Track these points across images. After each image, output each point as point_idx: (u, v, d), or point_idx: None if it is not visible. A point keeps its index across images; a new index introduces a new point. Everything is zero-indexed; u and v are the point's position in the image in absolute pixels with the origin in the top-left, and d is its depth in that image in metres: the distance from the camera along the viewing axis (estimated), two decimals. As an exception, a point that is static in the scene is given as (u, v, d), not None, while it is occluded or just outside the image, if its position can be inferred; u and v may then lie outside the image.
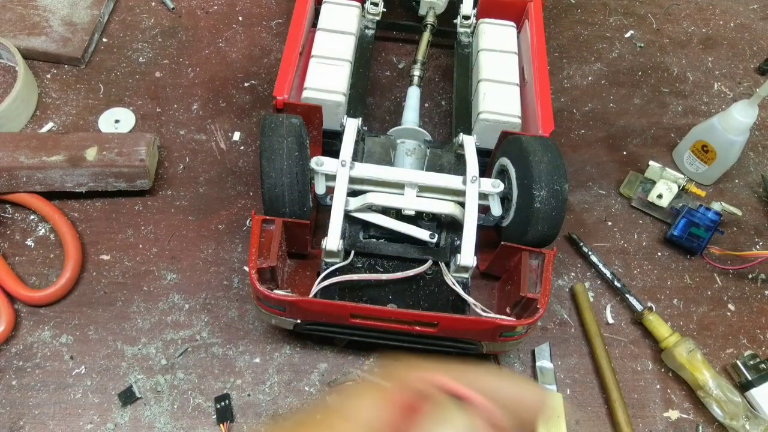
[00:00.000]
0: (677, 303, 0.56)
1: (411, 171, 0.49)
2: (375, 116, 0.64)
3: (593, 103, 0.69)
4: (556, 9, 0.77)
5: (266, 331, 0.51)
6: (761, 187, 0.64)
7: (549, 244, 0.47)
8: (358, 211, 0.48)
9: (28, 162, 0.53)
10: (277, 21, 0.71)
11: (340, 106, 0.54)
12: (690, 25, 0.77)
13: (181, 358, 0.49)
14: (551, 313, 0.54)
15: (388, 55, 0.70)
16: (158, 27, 0.69)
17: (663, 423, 0.50)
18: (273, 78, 0.65)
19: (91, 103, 0.62)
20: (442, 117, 0.65)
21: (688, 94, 0.71)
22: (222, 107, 0.63)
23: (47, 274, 0.52)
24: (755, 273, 0.58)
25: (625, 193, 0.61)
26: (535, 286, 0.46)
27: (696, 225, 0.57)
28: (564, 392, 0.50)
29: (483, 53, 0.59)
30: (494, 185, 0.49)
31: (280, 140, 0.45)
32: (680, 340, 0.51)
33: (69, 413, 0.46)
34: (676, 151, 0.65)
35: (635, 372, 0.52)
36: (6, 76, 0.62)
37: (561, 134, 0.65)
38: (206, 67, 0.66)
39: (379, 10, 0.64)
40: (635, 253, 0.58)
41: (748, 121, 0.57)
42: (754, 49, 0.76)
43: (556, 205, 0.45)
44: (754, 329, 0.55)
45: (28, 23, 0.64)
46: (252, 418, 0.47)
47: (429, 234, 0.47)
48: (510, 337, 0.45)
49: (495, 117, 0.54)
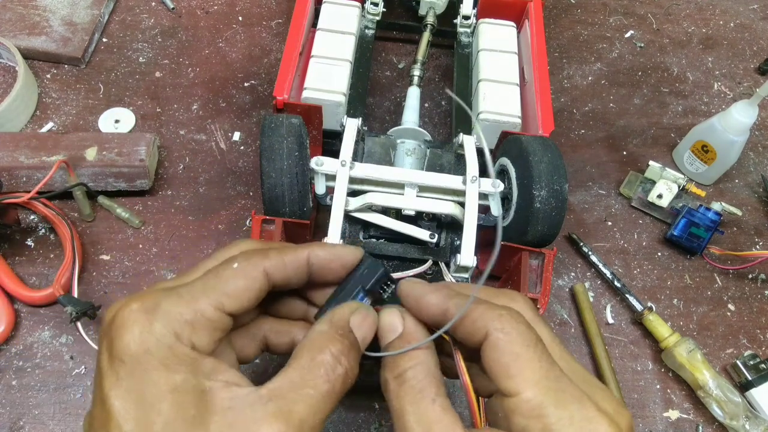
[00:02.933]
0: (677, 303, 0.56)
1: (411, 171, 0.49)
2: (375, 116, 0.64)
3: (593, 103, 0.69)
4: (556, 9, 0.77)
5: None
6: (761, 187, 0.64)
7: (549, 244, 0.47)
8: (358, 211, 0.47)
9: (28, 162, 0.53)
10: (277, 21, 0.71)
11: (340, 106, 0.54)
12: (690, 25, 0.77)
13: (181, 358, 0.49)
14: (551, 313, 0.54)
15: (388, 55, 0.70)
16: (158, 27, 0.69)
17: (663, 423, 0.50)
18: (273, 78, 0.65)
19: (91, 103, 0.62)
20: (442, 117, 0.65)
21: (688, 94, 0.71)
22: (222, 107, 0.63)
23: (47, 274, 0.52)
24: (755, 273, 0.58)
25: (625, 193, 0.61)
26: (535, 286, 0.46)
27: (696, 225, 0.57)
28: (564, 392, 0.50)
29: (483, 53, 0.59)
30: (494, 185, 0.49)
31: (280, 140, 0.45)
32: (680, 340, 0.51)
33: (69, 413, 0.46)
34: (676, 151, 0.65)
35: (635, 372, 0.52)
36: (6, 76, 0.62)
37: (561, 134, 0.65)
38: (206, 67, 0.66)
39: (379, 10, 0.64)
40: (635, 253, 0.58)
41: (748, 121, 0.57)
42: (754, 49, 0.76)
43: (556, 205, 0.45)
44: (754, 329, 0.55)
45: (28, 23, 0.64)
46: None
47: (429, 234, 0.47)
48: (510, 337, 0.45)
49: (495, 117, 0.54)
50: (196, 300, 0.25)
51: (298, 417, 0.24)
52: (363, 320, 0.28)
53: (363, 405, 0.48)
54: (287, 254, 0.28)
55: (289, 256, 0.28)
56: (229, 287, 0.26)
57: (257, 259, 0.27)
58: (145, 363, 0.23)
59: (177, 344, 0.24)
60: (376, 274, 0.29)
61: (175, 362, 0.23)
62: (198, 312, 0.25)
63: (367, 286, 0.29)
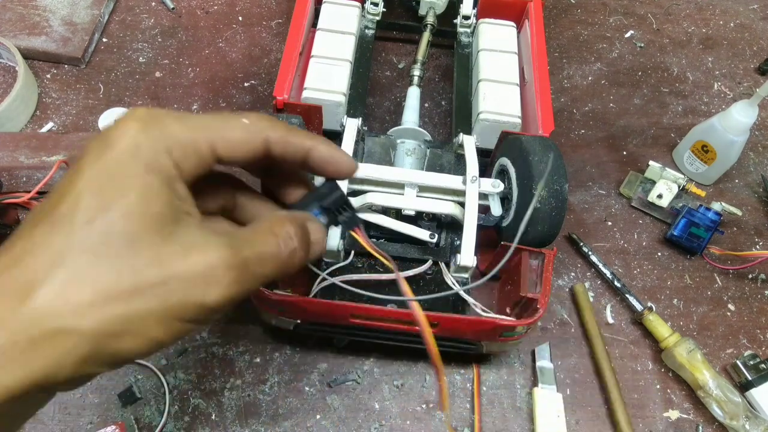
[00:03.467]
0: (677, 303, 0.56)
1: (411, 171, 0.49)
2: (375, 116, 0.64)
3: (593, 103, 0.69)
4: (556, 9, 0.77)
5: (266, 331, 0.51)
6: (761, 187, 0.64)
7: (549, 244, 0.47)
8: (358, 211, 0.47)
9: (28, 162, 0.53)
10: (277, 21, 0.71)
11: (340, 106, 0.54)
12: (690, 25, 0.77)
13: (181, 358, 0.49)
14: (551, 313, 0.54)
15: (388, 55, 0.70)
16: (158, 27, 0.69)
17: (663, 423, 0.50)
18: (273, 78, 0.65)
19: (91, 103, 0.62)
20: (442, 117, 0.65)
21: (688, 94, 0.71)
22: (222, 107, 0.63)
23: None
24: (755, 273, 0.58)
25: (625, 193, 0.61)
26: (535, 286, 0.46)
27: (696, 225, 0.57)
28: (564, 392, 0.50)
29: (483, 53, 0.59)
30: (494, 185, 0.49)
31: (280, 140, 0.45)
32: (680, 340, 0.51)
33: (69, 413, 0.46)
34: (676, 151, 0.65)
35: (635, 372, 0.52)
36: (6, 76, 0.62)
37: (561, 134, 0.65)
38: (206, 67, 0.66)
39: (379, 10, 0.64)
40: (635, 253, 0.58)
41: (748, 121, 0.57)
42: (754, 49, 0.76)
43: (556, 205, 0.45)
44: (754, 329, 0.55)
45: (28, 23, 0.64)
46: (252, 418, 0.47)
47: (429, 234, 0.47)
48: (510, 337, 0.45)
49: (495, 117, 0.54)
50: (195, 129, 0.26)
51: (245, 257, 0.25)
52: (318, 229, 0.30)
53: (363, 405, 0.49)
54: (292, 136, 0.29)
55: (293, 138, 0.29)
56: (231, 135, 0.27)
57: (264, 125, 0.28)
58: (130, 154, 0.24)
59: (165, 156, 0.24)
60: (333, 194, 0.32)
61: (156, 167, 0.24)
62: (193, 140, 0.26)
63: (324, 204, 0.32)
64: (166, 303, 0.23)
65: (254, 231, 0.27)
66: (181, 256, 0.23)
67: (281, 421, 0.47)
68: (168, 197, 0.24)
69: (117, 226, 0.22)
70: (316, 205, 0.32)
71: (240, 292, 0.25)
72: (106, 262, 0.22)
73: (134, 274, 0.22)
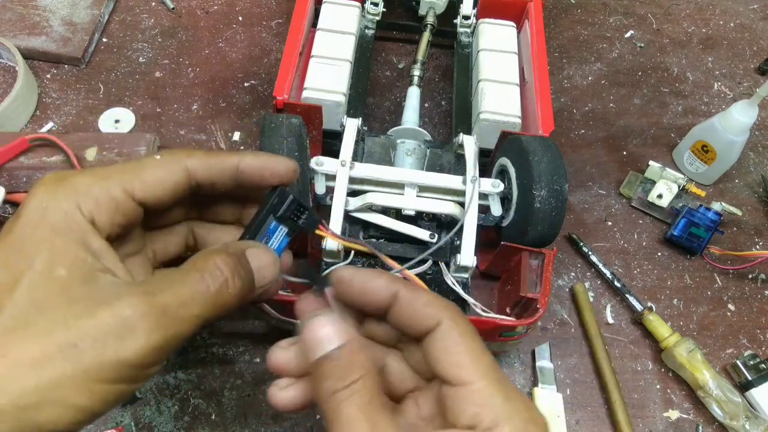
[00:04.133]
0: (677, 303, 0.56)
1: (411, 171, 0.49)
2: (375, 116, 0.64)
3: (593, 103, 0.69)
4: (556, 9, 0.77)
5: (266, 331, 0.51)
6: (761, 187, 0.64)
7: (549, 244, 0.47)
8: (358, 211, 0.47)
9: (28, 162, 0.53)
10: (277, 21, 0.71)
11: (340, 106, 0.54)
12: (690, 25, 0.77)
13: (180, 358, 0.49)
14: (551, 313, 0.54)
15: (388, 55, 0.70)
16: (158, 27, 0.69)
17: (663, 423, 0.50)
18: (273, 78, 0.65)
19: (91, 103, 0.62)
20: (442, 117, 0.65)
21: (688, 94, 0.71)
22: (222, 107, 0.63)
23: (47, 274, 0.52)
24: (755, 273, 0.58)
25: (625, 193, 0.61)
26: (535, 286, 0.46)
27: (696, 225, 0.57)
28: (564, 392, 0.50)
29: (483, 53, 0.59)
30: (494, 185, 0.49)
31: (280, 140, 0.45)
32: (680, 340, 0.51)
33: (69, 413, 0.46)
34: (676, 151, 0.65)
35: (635, 372, 0.52)
36: (6, 76, 0.62)
37: (561, 134, 0.65)
38: (206, 67, 0.66)
39: (379, 10, 0.64)
40: (635, 253, 0.58)
41: (748, 121, 0.57)
42: (754, 49, 0.76)
43: (556, 205, 0.45)
44: (754, 329, 0.55)
45: (28, 23, 0.64)
46: (252, 418, 0.47)
47: (429, 234, 0.47)
48: (510, 336, 0.45)
49: (495, 117, 0.54)
50: (108, 179, 0.26)
51: (162, 302, 0.24)
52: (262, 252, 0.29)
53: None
54: (213, 157, 0.29)
55: (214, 159, 0.28)
56: (145, 175, 0.26)
57: (181, 156, 0.28)
58: (37, 219, 0.24)
59: (75, 212, 0.24)
60: (284, 201, 0.31)
61: (65, 227, 0.24)
62: (105, 189, 0.25)
63: (278, 214, 0.30)
64: (79, 365, 0.22)
65: (178, 271, 0.26)
66: (88, 314, 0.23)
67: (281, 421, 0.47)
68: (76, 257, 0.24)
69: (23, 298, 0.23)
70: (270, 219, 0.30)
71: (168, 339, 0.24)
72: (15, 336, 0.22)
73: (41, 341, 0.22)
